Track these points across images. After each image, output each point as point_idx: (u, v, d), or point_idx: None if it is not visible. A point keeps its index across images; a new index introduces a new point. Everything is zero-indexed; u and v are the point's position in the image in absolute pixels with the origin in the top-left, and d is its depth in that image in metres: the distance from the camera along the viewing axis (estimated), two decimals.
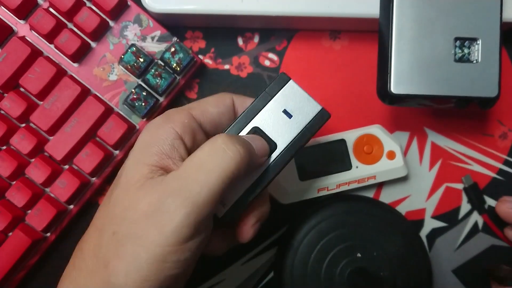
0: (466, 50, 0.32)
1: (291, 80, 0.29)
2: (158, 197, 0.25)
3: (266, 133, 0.29)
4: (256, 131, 0.29)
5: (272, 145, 0.29)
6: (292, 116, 0.29)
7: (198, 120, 0.30)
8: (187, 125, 0.29)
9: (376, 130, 0.39)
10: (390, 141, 0.39)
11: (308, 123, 0.29)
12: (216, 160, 0.25)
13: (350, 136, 0.39)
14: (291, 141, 0.29)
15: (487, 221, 0.41)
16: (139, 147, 0.28)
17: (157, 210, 0.25)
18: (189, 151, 0.28)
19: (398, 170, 0.39)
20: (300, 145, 0.29)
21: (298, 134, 0.29)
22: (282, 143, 0.29)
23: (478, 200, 0.41)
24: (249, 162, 0.27)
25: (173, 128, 0.28)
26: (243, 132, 0.29)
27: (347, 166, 0.39)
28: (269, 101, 0.29)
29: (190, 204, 0.24)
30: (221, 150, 0.26)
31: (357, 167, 0.39)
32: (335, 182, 0.39)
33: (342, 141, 0.39)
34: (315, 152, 0.39)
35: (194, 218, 0.24)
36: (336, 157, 0.39)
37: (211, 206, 0.25)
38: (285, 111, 0.29)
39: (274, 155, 0.29)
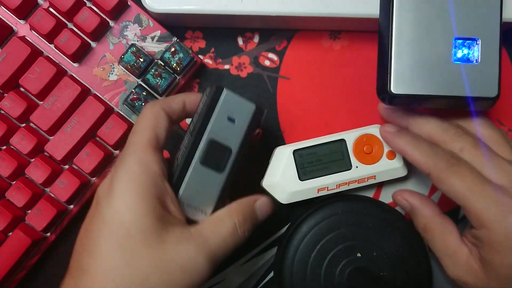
0: (466, 50, 0.32)
1: (225, 89, 0.32)
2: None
3: (220, 142, 0.32)
4: (212, 142, 0.32)
5: (228, 151, 0.32)
6: (235, 120, 0.32)
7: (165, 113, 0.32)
8: (158, 135, 0.31)
9: (376, 130, 0.39)
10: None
11: (250, 122, 0.33)
12: (233, 242, 0.31)
13: (350, 136, 0.39)
14: (241, 142, 0.32)
15: None
16: (128, 188, 0.28)
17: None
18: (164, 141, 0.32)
19: (398, 170, 0.39)
20: (248, 142, 0.33)
21: (244, 134, 0.32)
22: (234, 146, 0.32)
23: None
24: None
25: (153, 158, 0.30)
26: (201, 146, 0.32)
27: (347, 166, 0.39)
28: (213, 113, 0.32)
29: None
30: (236, 235, 0.31)
31: (357, 167, 0.38)
32: (335, 182, 0.38)
33: (342, 141, 0.39)
34: (315, 152, 0.39)
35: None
36: (336, 157, 0.39)
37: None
38: (229, 118, 0.32)
39: (232, 159, 0.32)
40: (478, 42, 0.32)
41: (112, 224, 0.27)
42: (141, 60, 0.37)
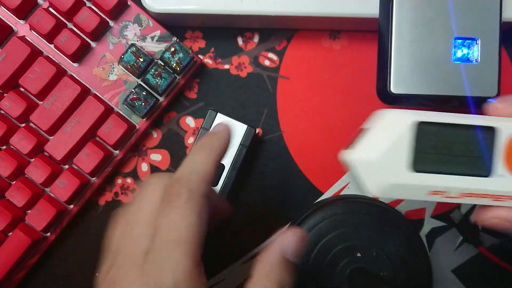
0: (465, 50, 0.32)
1: (218, 113, 0.38)
2: None
3: None
4: None
5: (221, 167, 0.38)
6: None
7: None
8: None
9: None
10: None
11: (241, 140, 0.38)
12: None
13: (508, 126, 0.26)
14: (233, 159, 0.38)
15: (486, 254, 0.41)
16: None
17: None
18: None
19: None
20: (240, 159, 0.38)
21: (237, 152, 0.38)
22: (227, 163, 0.38)
23: (472, 233, 0.41)
24: None
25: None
26: None
27: (485, 170, 0.26)
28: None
29: None
30: None
31: (502, 176, 0.26)
32: (459, 189, 0.26)
33: (491, 130, 0.26)
34: (447, 135, 0.26)
35: None
36: (472, 152, 0.26)
37: None
38: None
39: (224, 174, 0.37)
40: (477, 42, 0.32)
41: None
42: (141, 60, 0.37)
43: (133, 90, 0.38)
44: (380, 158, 0.25)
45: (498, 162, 0.26)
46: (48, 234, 0.39)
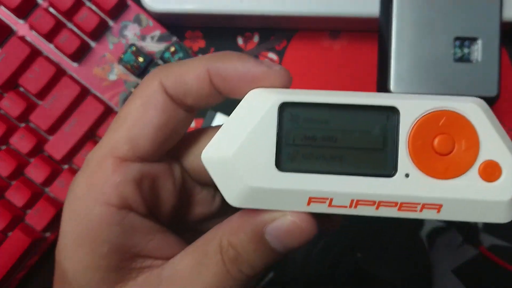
0: (466, 50, 0.32)
1: (218, 113, 0.36)
2: None
3: None
4: None
5: None
6: None
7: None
8: (126, 185, 0.20)
9: (472, 108, 0.19)
10: (497, 139, 0.18)
11: None
12: None
13: (411, 107, 0.19)
14: None
15: (486, 254, 0.41)
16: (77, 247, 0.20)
17: None
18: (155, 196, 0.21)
19: (499, 208, 0.18)
20: None
21: None
22: None
23: (472, 233, 0.41)
24: None
25: (107, 207, 0.20)
26: None
27: (387, 169, 0.19)
28: None
29: None
30: (226, 279, 0.20)
31: (407, 175, 0.19)
32: (350, 195, 0.19)
33: (392, 112, 0.19)
34: (328, 119, 0.19)
35: None
36: (369, 143, 0.19)
37: None
38: None
39: None
40: (478, 42, 0.32)
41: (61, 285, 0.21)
42: (141, 59, 0.37)
43: (133, 90, 0.38)
44: (237, 155, 0.19)
45: (404, 155, 0.18)
46: (48, 234, 0.39)
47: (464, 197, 0.18)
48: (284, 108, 0.19)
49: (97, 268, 0.20)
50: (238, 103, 0.20)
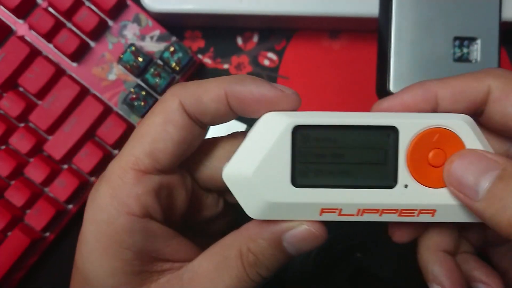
0: (465, 50, 0.32)
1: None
2: None
3: None
4: None
5: None
6: None
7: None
8: (148, 195, 0.22)
9: (461, 125, 0.21)
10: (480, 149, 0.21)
11: None
12: None
13: (409, 125, 0.21)
14: None
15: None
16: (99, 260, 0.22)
17: None
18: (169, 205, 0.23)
19: None
20: None
21: None
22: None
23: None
24: None
25: (129, 218, 0.22)
26: None
27: (388, 181, 0.22)
28: None
29: None
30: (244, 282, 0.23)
31: (406, 186, 0.21)
32: (357, 205, 0.22)
33: (392, 131, 0.21)
34: (336, 139, 0.22)
35: None
36: (372, 158, 0.22)
37: None
38: None
39: None
40: (477, 42, 0.32)
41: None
42: (140, 59, 0.37)
43: (132, 89, 0.38)
44: (256, 174, 0.21)
45: (403, 168, 0.21)
46: (47, 234, 0.39)
47: (453, 202, 0.21)
48: (297, 130, 0.21)
49: (123, 273, 0.22)
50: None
